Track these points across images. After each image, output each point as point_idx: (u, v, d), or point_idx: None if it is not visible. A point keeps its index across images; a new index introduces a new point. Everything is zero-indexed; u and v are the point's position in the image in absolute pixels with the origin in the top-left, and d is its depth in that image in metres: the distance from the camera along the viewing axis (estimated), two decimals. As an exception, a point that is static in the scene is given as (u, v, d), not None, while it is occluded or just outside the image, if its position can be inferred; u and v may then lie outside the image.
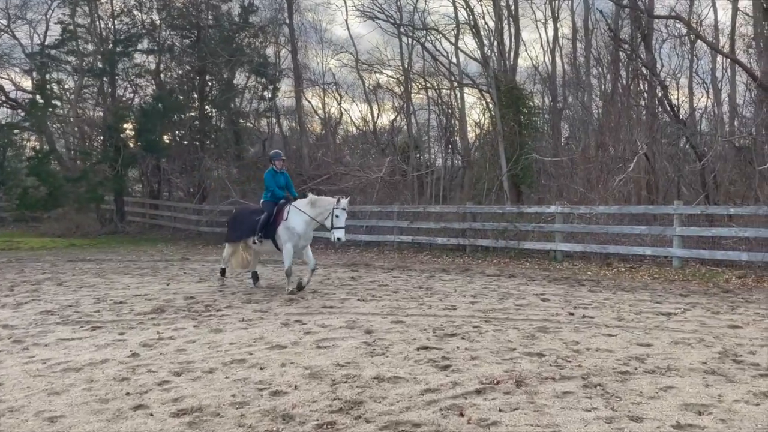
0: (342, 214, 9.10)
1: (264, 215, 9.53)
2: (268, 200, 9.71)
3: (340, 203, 9.13)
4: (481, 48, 25.14)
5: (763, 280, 10.48)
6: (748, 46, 22.21)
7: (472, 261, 14.41)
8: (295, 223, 9.31)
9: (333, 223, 9.07)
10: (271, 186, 9.72)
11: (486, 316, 7.61)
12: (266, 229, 9.49)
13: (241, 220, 10.00)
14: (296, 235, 9.30)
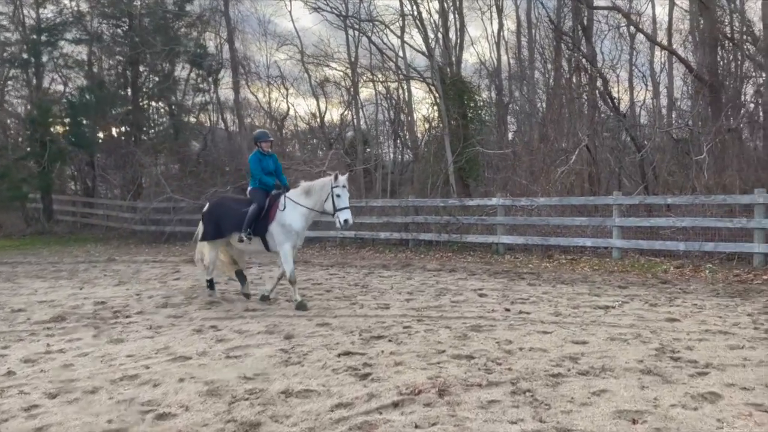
0: (344, 192, 7.48)
1: (253, 207, 7.83)
2: (258, 188, 8.09)
3: (339, 180, 7.49)
4: (425, 41, 24.83)
5: (700, 269, 10.44)
6: (684, 40, 22.64)
7: (414, 256, 14.01)
8: (292, 218, 7.71)
9: (335, 205, 7.42)
10: (256, 172, 8.08)
11: (419, 314, 7.17)
12: (257, 224, 7.86)
13: (224, 212, 8.15)
14: (294, 233, 7.74)
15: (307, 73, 32.08)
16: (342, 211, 7.36)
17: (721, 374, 4.65)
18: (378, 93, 32.13)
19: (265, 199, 7.90)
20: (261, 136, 8.36)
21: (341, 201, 7.41)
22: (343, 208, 7.37)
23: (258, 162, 8.12)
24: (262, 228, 7.83)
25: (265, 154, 8.22)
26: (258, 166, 8.10)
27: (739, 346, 5.47)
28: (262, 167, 8.11)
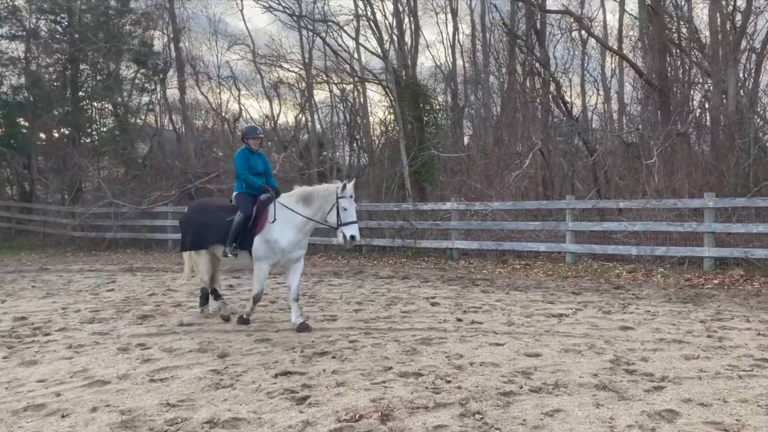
0: (351, 204, 6.52)
1: (239, 217, 6.79)
2: (244, 193, 7.03)
3: (347, 189, 6.52)
4: (380, 43, 24.55)
5: (652, 274, 10.41)
6: (634, 46, 23.02)
7: (367, 262, 13.63)
8: (280, 233, 6.64)
9: (341, 219, 6.45)
10: (242, 172, 7.01)
11: (367, 327, 6.79)
12: (243, 236, 6.79)
13: (205, 220, 7.11)
14: (278, 252, 6.67)
15: (260, 74, 31.41)
16: (348, 225, 6.43)
17: (677, 388, 4.43)
18: (333, 95, 31.71)
19: (252, 207, 6.86)
20: (249, 131, 7.25)
21: (348, 214, 6.45)
22: (350, 222, 6.44)
23: (244, 160, 7.06)
24: (248, 240, 6.77)
25: (253, 152, 7.18)
26: (244, 165, 7.04)
27: (694, 356, 5.30)
28: (249, 167, 7.07)
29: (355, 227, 6.46)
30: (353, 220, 6.47)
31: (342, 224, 6.43)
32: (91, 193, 20.02)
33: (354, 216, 6.51)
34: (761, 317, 6.92)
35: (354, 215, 6.51)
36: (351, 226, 6.44)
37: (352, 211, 6.50)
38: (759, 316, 6.96)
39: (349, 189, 6.53)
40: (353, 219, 6.48)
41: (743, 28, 18.52)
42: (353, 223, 6.46)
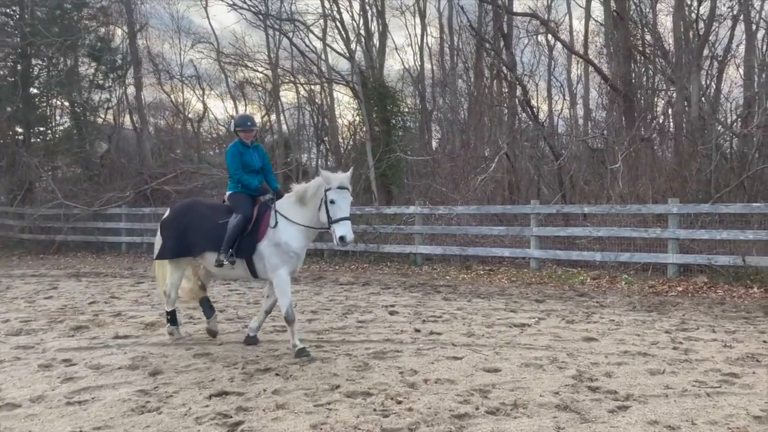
0: (341, 196, 5.50)
1: (237, 218, 5.77)
2: (238, 192, 6.08)
3: (333, 180, 5.53)
4: (347, 44, 24.19)
5: (616, 280, 10.23)
6: (599, 53, 23.11)
7: (328, 267, 13.19)
8: (289, 234, 5.73)
9: (330, 214, 5.48)
10: (235, 170, 6.07)
11: (319, 339, 6.37)
12: (241, 242, 5.77)
13: (194, 221, 5.98)
14: (293, 255, 5.75)
15: (224, 74, 30.68)
16: (338, 223, 5.41)
17: (643, 408, 4.13)
18: (301, 96, 31.19)
19: (252, 208, 5.90)
20: (240, 122, 6.23)
21: (337, 209, 5.45)
22: (341, 219, 5.43)
23: (237, 156, 6.09)
24: (247, 247, 5.74)
25: (248, 146, 6.20)
26: (237, 161, 6.06)
27: (660, 370, 5.02)
28: (244, 163, 6.09)
29: (346, 225, 5.40)
30: (344, 216, 5.43)
31: (332, 221, 5.44)
32: (41, 193, 19.08)
33: (345, 211, 5.47)
34: (726, 327, 6.72)
35: (345, 210, 5.47)
36: (341, 224, 5.40)
37: (343, 206, 5.47)
38: (724, 326, 6.77)
39: (335, 179, 5.50)
40: (344, 215, 5.44)
41: (706, 36, 18.70)
42: (344, 219, 5.42)
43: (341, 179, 5.53)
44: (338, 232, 5.37)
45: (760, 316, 7.36)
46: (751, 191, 12.71)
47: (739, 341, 6.02)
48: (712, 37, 19.64)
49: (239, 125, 6.21)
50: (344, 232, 5.36)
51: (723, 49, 20.23)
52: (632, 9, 19.01)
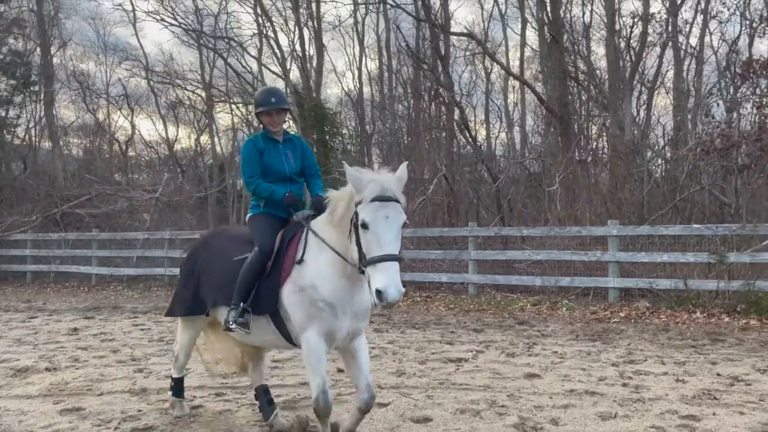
0: (379, 216, 3.17)
1: (252, 255, 3.82)
2: (261, 214, 4.08)
3: (367, 185, 3.25)
4: (282, 64, 23.48)
5: (557, 306, 9.73)
6: (535, 78, 23.30)
7: (254, 296, 12.16)
8: (317, 273, 3.60)
9: (362, 249, 3.22)
10: (249, 177, 4.09)
11: (222, 384, 5.43)
12: (260, 290, 3.77)
13: (208, 263, 4.19)
14: (324, 307, 3.54)
15: (153, 93, 29.32)
16: (375, 266, 3.10)
17: (597, 467, 3.44)
18: (237, 117, 30.11)
19: (274, 237, 3.85)
20: (262, 98, 4.16)
21: (373, 239, 3.15)
22: (379, 259, 3.09)
23: (253, 156, 4.06)
24: (267, 297, 3.70)
25: (274, 138, 4.17)
26: (253, 163, 4.05)
27: (611, 414, 4.38)
28: (265, 166, 4.06)
29: (388, 271, 3.05)
30: (385, 255, 3.08)
31: (367, 261, 3.15)
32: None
33: (388, 245, 3.11)
34: (675, 357, 6.22)
35: (388, 243, 3.12)
36: (380, 269, 3.06)
37: (384, 234, 3.13)
38: (673, 357, 6.26)
39: (373, 185, 3.20)
40: (385, 252, 3.09)
41: (637, 62, 19.04)
42: (385, 260, 3.07)
43: (382, 184, 3.19)
44: (374, 284, 3.03)
45: (708, 343, 6.93)
46: (684, 213, 12.66)
47: (691, 374, 5.50)
48: (642, 64, 20.06)
49: (261, 103, 4.11)
50: (383, 284, 2.98)
51: (653, 76, 20.70)
52: (566, 37, 19.16)
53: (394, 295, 2.97)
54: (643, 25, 18.60)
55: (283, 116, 4.21)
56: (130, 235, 14.76)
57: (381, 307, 3.02)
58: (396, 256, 3.08)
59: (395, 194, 3.22)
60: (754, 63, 14.58)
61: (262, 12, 22.56)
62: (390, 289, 2.96)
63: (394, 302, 2.99)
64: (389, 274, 3.01)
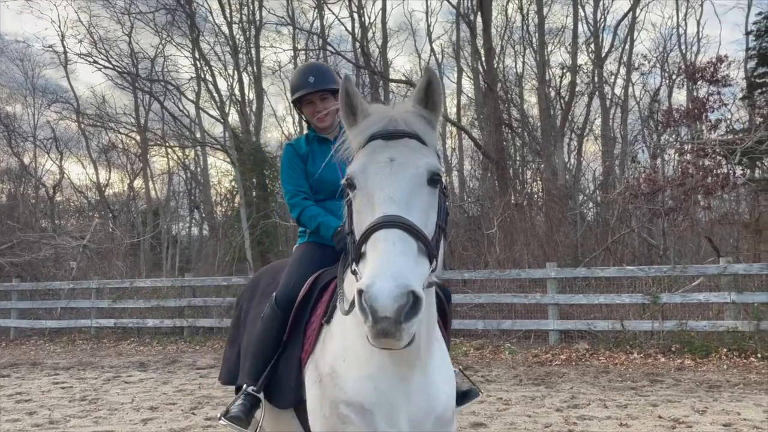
0: (372, 161, 1.85)
1: (267, 310, 2.60)
2: (307, 244, 2.84)
3: (375, 114, 1.97)
4: (220, 107, 23.24)
5: (499, 350, 9.70)
6: (471, 125, 23.99)
7: (188, 348, 11.57)
8: (341, 347, 2.12)
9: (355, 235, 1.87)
10: (296, 198, 2.85)
11: (150, 447, 5.02)
12: (275, 367, 2.46)
13: (250, 314, 2.87)
14: (352, 413, 1.98)
15: (84, 136, 28.34)
16: (365, 249, 1.72)
17: None
18: (174, 161, 29.41)
19: (303, 281, 2.58)
20: (298, 80, 2.92)
21: (366, 200, 1.83)
22: (370, 229, 1.71)
23: (296, 166, 2.90)
24: (287, 382, 2.38)
25: (321, 134, 2.94)
26: (297, 175, 2.89)
27: (559, 463, 4.28)
28: (317, 180, 2.86)
29: (383, 250, 1.64)
30: (385, 218, 1.71)
31: (346, 267, 2.16)
32: None
33: (389, 202, 1.75)
34: (617, 400, 6.24)
35: (390, 200, 1.76)
36: (370, 247, 1.70)
37: (384, 186, 1.80)
38: (615, 399, 6.28)
39: (373, 119, 1.97)
40: (386, 213, 1.73)
41: (567, 111, 19.92)
42: (383, 226, 1.69)
43: (388, 114, 1.98)
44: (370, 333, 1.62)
45: (647, 384, 7.01)
46: (616, 255, 13.08)
47: (633, 418, 5.50)
48: (572, 113, 21.04)
49: (296, 87, 2.91)
50: (368, 275, 1.61)
51: (582, 123, 21.70)
52: (499, 86, 19.90)
53: (384, 296, 1.51)
54: (571, 76, 19.58)
55: (332, 102, 2.82)
56: (55, 284, 13.86)
57: (368, 329, 1.56)
58: (398, 219, 1.66)
59: (411, 127, 1.89)
60: (674, 112, 15.54)
61: (201, 56, 22.37)
62: (377, 284, 1.52)
63: (387, 311, 1.50)
64: (381, 256, 1.59)
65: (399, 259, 1.59)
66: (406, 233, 1.66)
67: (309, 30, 24.35)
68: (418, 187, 1.80)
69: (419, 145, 1.89)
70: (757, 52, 18.98)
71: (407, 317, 1.53)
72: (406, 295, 1.52)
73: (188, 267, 22.98)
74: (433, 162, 1.85)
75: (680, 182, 13.06)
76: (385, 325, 1.52)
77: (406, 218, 1.69)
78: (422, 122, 1.95)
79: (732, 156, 12.93)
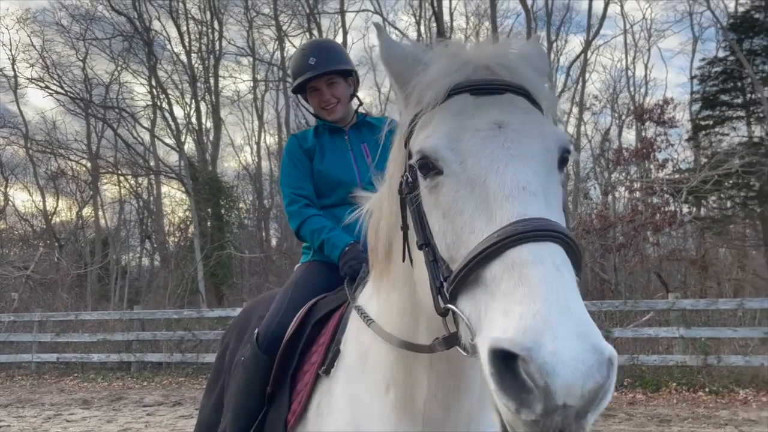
0: (470, 127, 1.18)
1: (247, 354, 2.07)
2: (311, 264, 2.30)
3: (454, 54, 1.28)
4: (176, 136, 22.95)
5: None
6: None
7: (135, 384, 11.10)
8: (349, 411, 1.57)
9: (438, 248, 1.19)
10: (295, 204, 2.28)
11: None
12: (261, 424, 1.90)
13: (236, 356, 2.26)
14: None
15: (32, 162, 27.41)
16: (486, 279, 1.04)
17: None
18: (125, 190, 28.70)
19: (294, 314, 2.00)
20: (298, 64, 2.38)
21: (475, 196, 1.13)
22: (502, 243, 1.03)
23: (299, 162, 2.34)
24: None
25: (336, 127, 2.41)
26: (300, 174, 2.33)
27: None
28: (319, 175, 2.33)
29: (538, 282, 0.97)
30: (526, 223, 1.04)
31: (452, 280, 1.11)
32: None
33: (521, 198, 1.08)
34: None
35: (521, 194, 1.09)
36: (507, 278, 1.01)
37: (505, 171, 1.12)
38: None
39: (452, 63, 1.27)
40: (525, 215, 1.06)
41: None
42: (528, 238, 1.02)
43: (472, 57, 1.28)
44: (490, 333, 0.98)
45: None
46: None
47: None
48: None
49: (297, 71, 2.40)
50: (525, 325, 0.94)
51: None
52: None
53: (571, 369, 0.90)
54: (526, 114, 20.12)
55: (342, 88, 2.37)
56: (-8, 317, 13.18)
57: (516, 421, 0.96)
58: (550, 226, 1.05)
59: (518, 77, 1.27)
60: (624, 151, 16.13)
61: (157, 84, 22.12)
62: (556, 345, 0.91)
63: (575, 396, 0.90)
64: (544, 293, 0.96)
65: (574, 299, 0.95)
66: (564, 250, 1.03)
67: (269, 61, 24.47)
68: (550, 173, 1.17)
69: (530, 105, 1.24)
70: (701, 96, 20.03)
71: (599, 403, 0.92)
72: (605, 365, 0.91)
73: (137, 299, 22.28)
74: (561, 134, 1.22)
75: (630, 219, 13.50)
76: (560, 420, 0.90)
77: (557, 222, 1.05)
78: (532, 71, 1.28)
79: (678, 194, 13.47)
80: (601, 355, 0.91)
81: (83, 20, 21.83)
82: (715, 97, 19.43)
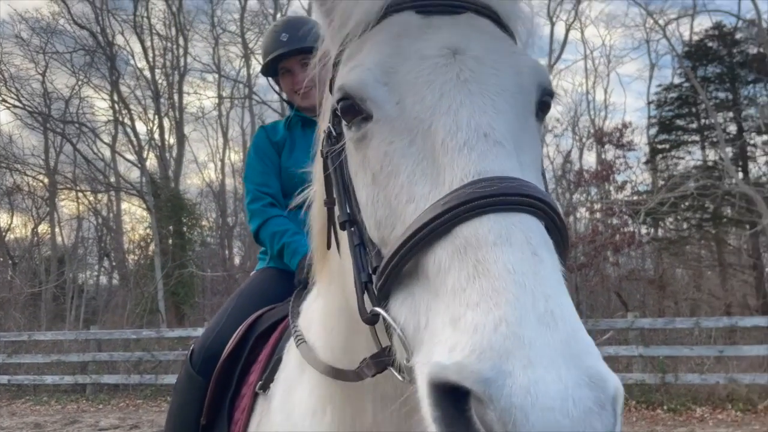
0: (413, 51, 0.88)
1: (181, 371, 1.88)
2: (266, 271, 2.09)
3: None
4: (138, 152, 22.56)
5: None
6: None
7: (90, 406, 10.73)
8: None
9: (364, 221, 0.90)
10: (257, 201, 2.07)
11: None
12: None
13: None
14: None
15: (-16, 177, 26.51)
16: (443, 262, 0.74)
17: None
18: (85, 206, 28.00)
19: (235, 328, 1.73)
20: (270, 41, 2.17)
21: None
22: (465, 209, 0.72)
23: (266, 156, 2.13)
24: None
25: (305, 115, 2.13)
26: (266, 169, 2.12)
27: None
28: (287, 171, 2.06)
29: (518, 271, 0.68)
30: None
31: (380, 272, 0.84)
32: None
33: (489, 156, 0.78)
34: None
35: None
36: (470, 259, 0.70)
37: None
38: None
39: None
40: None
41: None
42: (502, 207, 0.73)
43: None
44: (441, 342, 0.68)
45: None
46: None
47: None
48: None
49: (267, 48, 2.19)
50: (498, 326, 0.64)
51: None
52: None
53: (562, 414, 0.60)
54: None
55: (310, 67, 1.59)
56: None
57: None
58: (524, 188, 0.76)
59: None
60: (584, 173, 16.53)
61: (119, 99, 21.77)
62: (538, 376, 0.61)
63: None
64: (517, 293, 0.67)
65: (560, 300, 0.69)
66: (543, 224, 0.78)
67: (235, 78, 24.34)
68: (525, 118, 0.90)
69: (498, 30, 0.98)
70: (658, 121, 20.73)
71: None
72: (608, 407, 0.65)
73: (94, 319, 21.60)
74: (541, 68, 0.97)
75: (591, 239, 13.80)
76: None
77: (532, 184, 0.78)
78: None
79: (637, 216, 13.84)
80: (602, 392, 0.61)
81: (44, 33, 21.39)
82: (671, 122, 20.13)
